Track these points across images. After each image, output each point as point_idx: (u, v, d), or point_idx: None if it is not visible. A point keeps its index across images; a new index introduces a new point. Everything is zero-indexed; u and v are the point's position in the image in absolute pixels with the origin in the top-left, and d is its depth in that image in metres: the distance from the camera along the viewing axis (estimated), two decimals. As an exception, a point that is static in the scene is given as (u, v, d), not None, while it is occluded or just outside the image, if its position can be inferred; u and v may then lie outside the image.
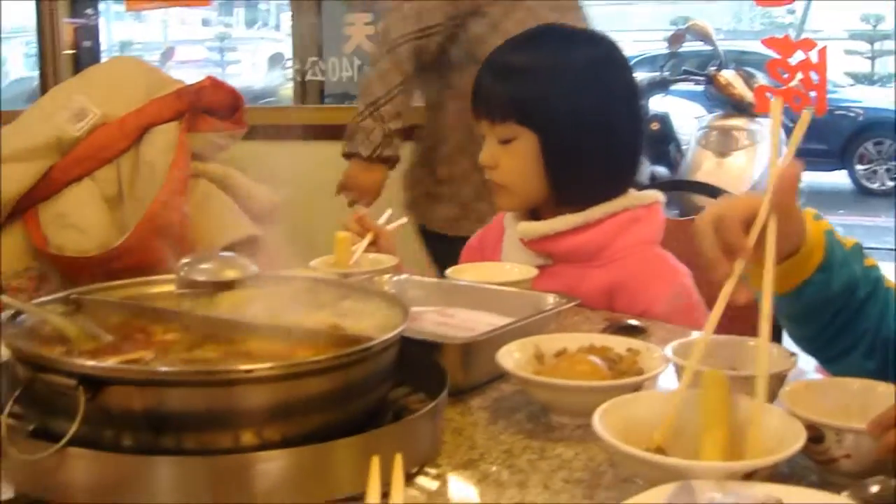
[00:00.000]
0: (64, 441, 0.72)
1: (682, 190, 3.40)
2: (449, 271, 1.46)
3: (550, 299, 1.23)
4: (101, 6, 4.60)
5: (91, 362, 0.77)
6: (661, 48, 5.81)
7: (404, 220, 1.83)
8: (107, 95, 1.99)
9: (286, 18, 3.71)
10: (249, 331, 0.88)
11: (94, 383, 0.73)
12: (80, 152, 1.94)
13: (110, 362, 0.79)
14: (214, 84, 2.00)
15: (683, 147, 4.98)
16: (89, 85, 2.04)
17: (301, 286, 1.03)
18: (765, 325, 0.85)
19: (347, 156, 2.44)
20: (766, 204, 0.90)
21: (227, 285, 1.03)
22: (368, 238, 1.62)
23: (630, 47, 5.41)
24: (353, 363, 0.80)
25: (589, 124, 1.49)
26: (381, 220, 1.70)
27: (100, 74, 2.14)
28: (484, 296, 1.29)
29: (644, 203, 1.54)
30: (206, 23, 11.10)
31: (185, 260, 1.07)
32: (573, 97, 1.49)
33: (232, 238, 1.92)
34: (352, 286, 1.06)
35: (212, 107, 2.00)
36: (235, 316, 0.92)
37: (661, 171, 4.81)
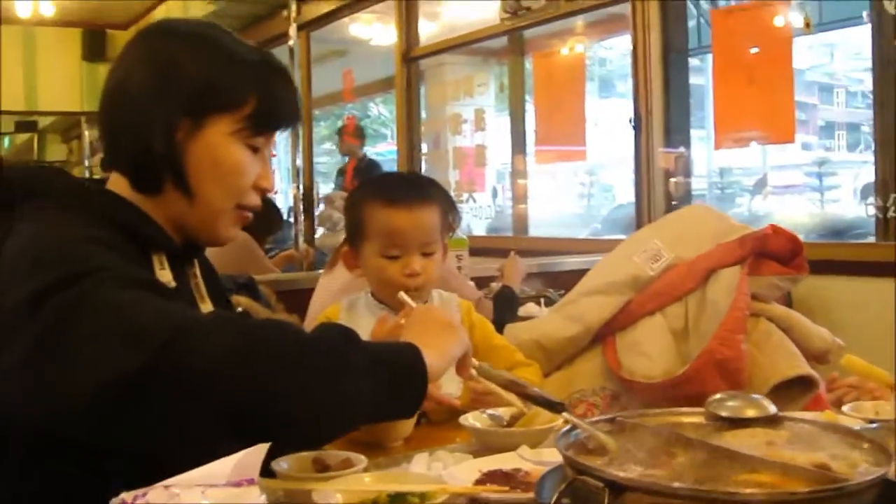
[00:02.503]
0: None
1: None
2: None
3: None
4: (700, 133, 4.95)
5: (614, 471, 1.00)
6: None
7: None
8: (679, 240, 2.27)
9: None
10: (748, 462, 1.05)
11: (616, 488, 0.96)
12: (655, 289, 2.22)
13: (630, 474, 1.01)
14: (776, 231, 2.17)
15: None
16: (665, 230, 2.34)
17: (805, 429, 1.17)
18: None
19: None
20: None
21: (745, 422, 1.21)
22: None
23: None
24: (829, 499, 0.93)
25: None
26: None
27: (675, 221, 2.44)
28: None
29: None
30: (806, 147, 11.11)
31: (716, 396, 1.27)
32: None
33: (786, 375, 2.05)
34: (850, 431, 1.17)
35: (773, 252, 2.18)
36: (737, 448, 1.10)
37: None
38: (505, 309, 3.06)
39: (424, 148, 6.38)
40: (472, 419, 1.67)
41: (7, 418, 1.21)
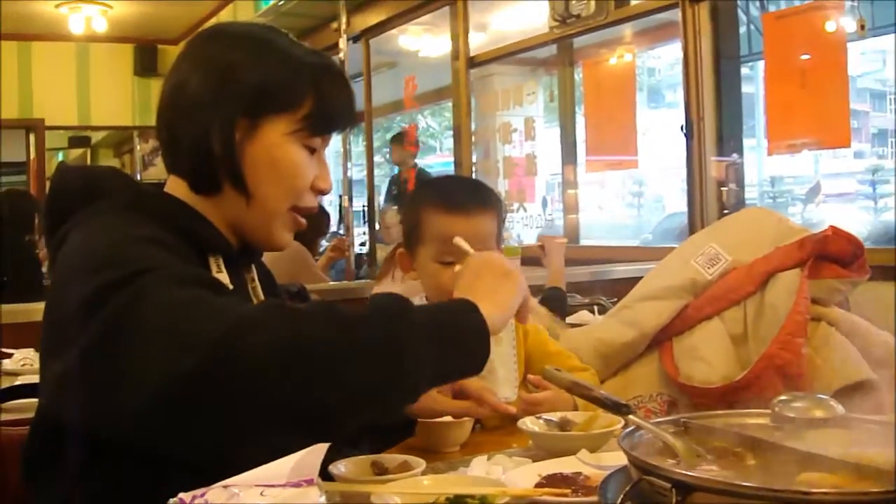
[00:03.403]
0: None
1: None
2: None
3: None
4: (751, 143, 4.89)
5: (682, 471, 0.97)
6: None
7: None
8: (737, 243, 2.23)
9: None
10: (820, 462, 1.02)
11: (684, 488, 0.93)
12: (712, 293, 2.19)
13: (698, 473, 0.99)
14: (836, 233, 2.13)
15: None
16: (723, 233, 2.30)
17: (882, 428, 1.14)
18: None
19: None
20: None
21: (814, 423, 1.18)
22: None
23: None
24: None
25: None
26: None
27: (732, 224, 2.40)
28: None
29: None
30: (858, 155, 10.93)
31: (782, 397, 1.24)
32: None
33: (847, 380, 2.01)
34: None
35: (833, 254, 2.13)
36: (810, 448, 1.06)
37: None
38: (555, 312, 3.03)
39: (474, 157, 6.36)
40: (530, 423, 1.65)
41: (63, 421, 1.21)
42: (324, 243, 5.52)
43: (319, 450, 0.99)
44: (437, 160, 11.23)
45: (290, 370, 1.05)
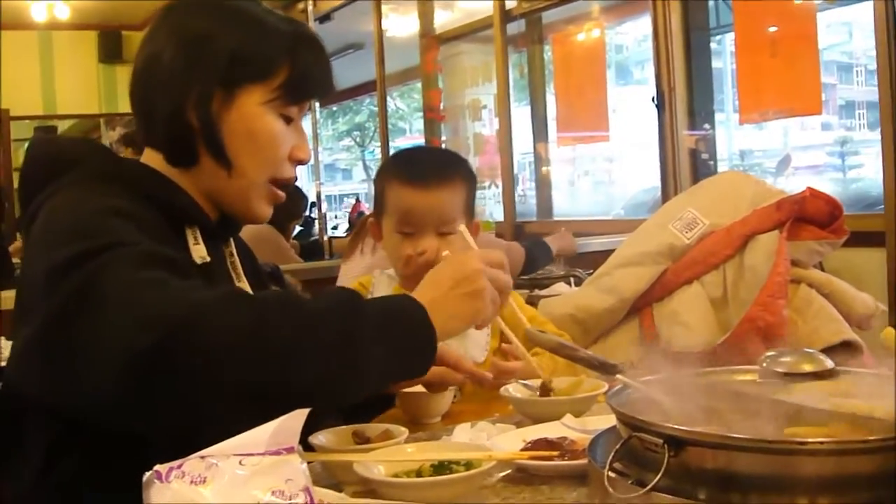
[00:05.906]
0: (649, 487, 0.91)
1: None
2: None
3: None
4: (720, 117, 4.89)
5: (674, 425, 0.95)
6: None
7: None
8: (715, 207, 2.22)
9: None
10: (812, 415, 1.00)
11: (676, 443, 0.91)
12: (691, 258, 2.18)
13: (691, 427, 0.96)
14: (813, 194, 2.12)
15: None
16: (700, 197, 2.29)
17: (873, 380, 1.12)
18: None
19: None
20: None
21: (803, 377, 1.16)
22: None
23: None
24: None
25: None
26: None
27: (709, 188, 2.39)
28: None
29: None
30: (826, 127, 10.97)
31: (769, 353, 1.22)
32: None
33: (828, 341, 2.00)
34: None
35: (811, 216, 2.12)
36: (800, 400, 1.04)
37: None
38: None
39: (444, 136, 6.32)
40: (512, 390, 1.62)
41: (25, 395, 1.19)
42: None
43: (299, 416, 0.96)
44: (408, 142, 11.17)
45: (246, 355, 1.05)
